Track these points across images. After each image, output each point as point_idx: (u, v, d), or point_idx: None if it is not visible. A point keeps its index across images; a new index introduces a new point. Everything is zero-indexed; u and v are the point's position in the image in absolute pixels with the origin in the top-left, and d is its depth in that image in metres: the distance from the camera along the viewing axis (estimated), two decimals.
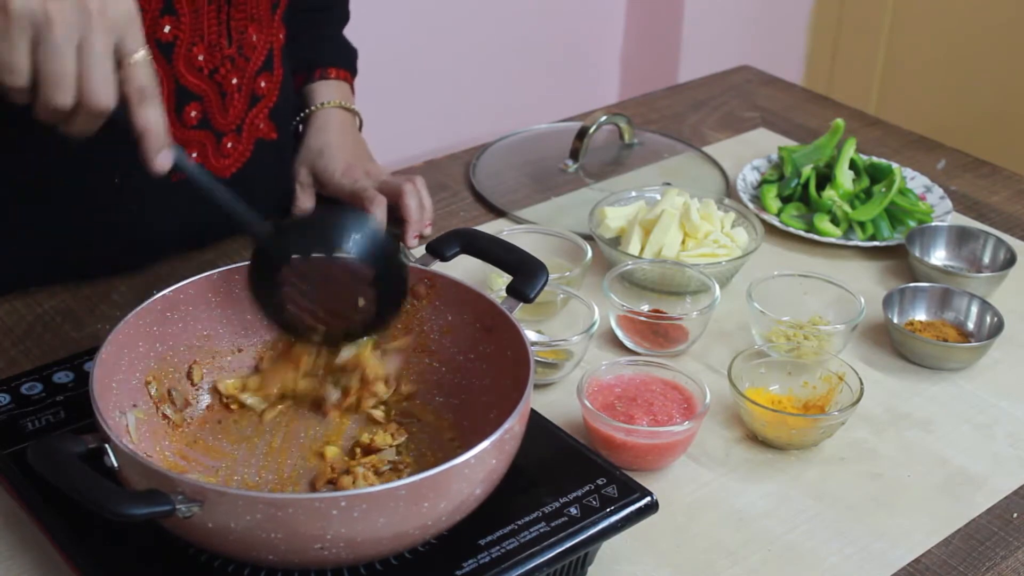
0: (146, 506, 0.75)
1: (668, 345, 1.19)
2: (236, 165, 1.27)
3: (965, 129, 2.46)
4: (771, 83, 1.83)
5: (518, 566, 0.84)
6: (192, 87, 1.18)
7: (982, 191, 1.53)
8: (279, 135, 1.32)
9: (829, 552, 0.97)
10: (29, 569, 0.91)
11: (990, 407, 1.14)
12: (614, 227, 1.31)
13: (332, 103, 1.41)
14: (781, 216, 1.41)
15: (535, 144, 1.61)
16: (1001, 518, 1.02)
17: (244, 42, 1.22)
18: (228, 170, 1.26)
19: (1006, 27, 2.52)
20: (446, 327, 1.01)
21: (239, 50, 1.21)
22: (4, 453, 0.94)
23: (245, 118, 1.26)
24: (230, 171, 1.26)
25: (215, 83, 1.20)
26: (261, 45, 1.24)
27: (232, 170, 1.27)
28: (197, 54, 1.18)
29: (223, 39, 1.19)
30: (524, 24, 2.47)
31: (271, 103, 1.28)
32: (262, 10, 1.22)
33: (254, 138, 1.28)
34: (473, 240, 1.04)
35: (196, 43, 1.17)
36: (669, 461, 1.04)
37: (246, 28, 1.21)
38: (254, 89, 1.25)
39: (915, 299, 1.24)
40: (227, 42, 1.20)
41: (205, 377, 0.99)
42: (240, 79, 1.23)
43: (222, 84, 1.21)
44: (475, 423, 0.95)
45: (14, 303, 1.22)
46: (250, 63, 1.23)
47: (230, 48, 1.20)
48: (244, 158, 1.27)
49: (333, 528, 0.77)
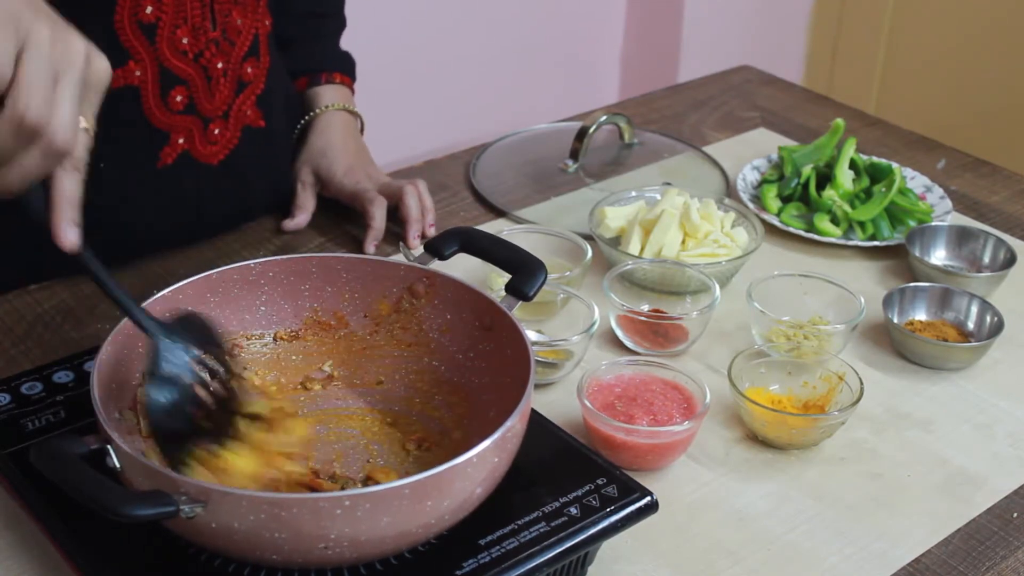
0: (150, 507, 0.75)
1: (668, 345, 1.19)
2: (223, 152, 1.27)
3: (965, 129, 2.46)
4: (771, 83, 1.83)
5: (518, 566, 0.84)
6: (177, 71, 1.19)
7: (982, 191, 1.53)
8: (267, 123, 1.32)
9: (829, 552, 0.97)
10: (29, 569, 0.91)
11: (990, 407, 1.14)
12: (614, 227, 1.32)
13: (336, 106, 1.43)
14: (781, 216, 1.41)
15: (535, 144, 1.61)
16: (1001, 518, 1.02)
17: (228, 26, 1.22)
18: (216, 157, 1.27)
19: (1006, 27, 2.52)
20: (445, 326, 1.01)
21: (223, 33, 1.22)
22: (4, 453, 0.94)
23: (232, 104, 1.26)
24: (217, 158, 1.27)
25: (200, 67, 1.21)
26: (246, 30, 1.24)
27: (220, 157, 1.27)
28: (181, 36, 1.18)
29: (207, 22, 1.20)
30: (524, 24, 2.47)
31: (258, 90, 1.29)
32: None
33: (241, 124, 1.28)
34: (472, 239, 1.04)
35: (180, 25, 1.17)
36: (669, 461, 1.04)
37: (230, 11, 1.22)
38: (240, 75, 1.26)
39: (915, 299, 1.24)
40: (211, 25, 1.20)
41: None
42: (226, 63, 1.23)
43: (207, 68, 1.21)
44: (475, 422, 0.96)
45: (14, 303, 1.22)
46: (235, 48, 1.24)
47: (215, 31, 1.20)
48: (232, 145, 1.28)
49: (337, 527, 0.77)
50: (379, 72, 1.98)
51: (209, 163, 1.26)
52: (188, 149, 1.24)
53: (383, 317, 1.03)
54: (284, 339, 1.03)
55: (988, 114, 2.57)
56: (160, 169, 1.24)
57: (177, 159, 1.24)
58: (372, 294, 1.03)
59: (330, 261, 1.02)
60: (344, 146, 1.41)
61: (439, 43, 2.34)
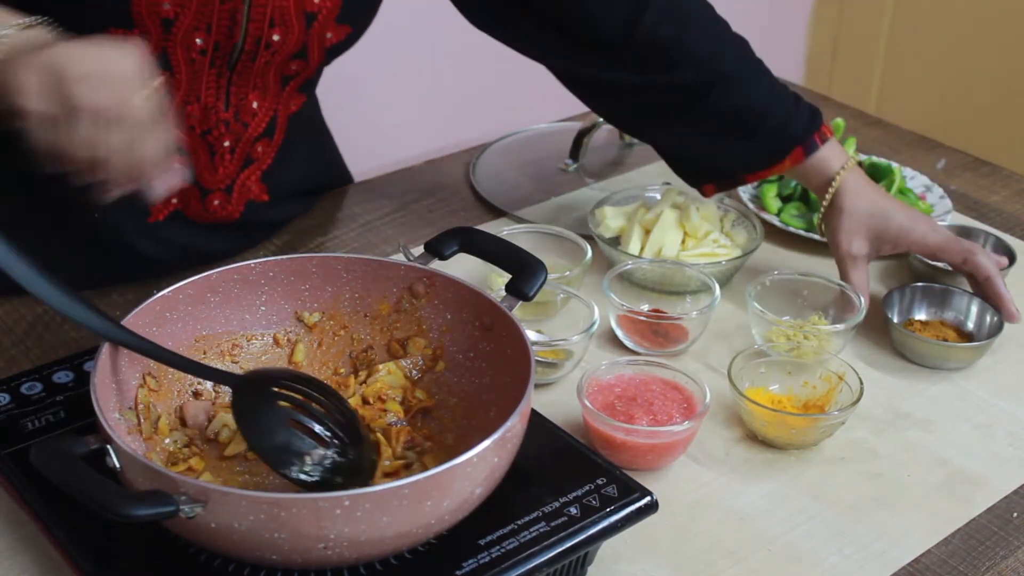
0: (150, 507, 0.75)
1: (668, 345, 1.19)
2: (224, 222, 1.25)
3: (965, 129, 2.46)
4: None
5: (518, 566, 0.84)
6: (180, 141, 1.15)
7: (982, 191, 1.53)
8: (271, 197, 1.28)
9: (829, 552, 0.97)
10: (29, 569, 0.91)
11: (990, 407, 1.14)
12: (614, 227, 1.32)
13: (848, 166, 1.24)
14: (781, 216, 1.41)
15: (535, 144, 1.61)
16: (1001, 518, 1.02)
17: (243, 108, 1.18)
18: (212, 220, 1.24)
19: (1006, 27, 2.52)
20: (445, 326, 1.01)
21: (236, 115, 1.18)
22: (4, 453, 0.94)
23: (236, 179, 1.23)
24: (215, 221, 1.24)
25: (206, 143, 1.18)
26: (263, 112, 1.20)
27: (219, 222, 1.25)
28: (191, 112, 1.15)
29: (220, 103, 1.16)
30: None
31: (265, 166, 1.25)
32: (269, 81, 1.18)
33: (245, 199, 1.25)
34: (472, 239, 1.04)
35: (191, 103, 1.14)
36: (669, 461, 1.04)
37: (246, 95, 1.18)
38: (249, 152, 1.22)
39: (915, 299, 1.24)
40: (224, 106, 1.16)
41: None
42: (233, 142, 1.20)
43: (213, 145, 1.18)
44: (475, 422, 0.96)
45: (14, 303, 1.22)
46: (248, 129, 1.20)
47: (226, 112, 1.17)
48: (232, 218, 1.25)
49: (337, 527, 0.77)
50: (379, 72, 1.98)
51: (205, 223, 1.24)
52: (181, 209, 1.22)
53: (383, 317, 1.03)
54: (284, 340, 1.02)
55: (988, 114, 2.57)
56: (152, 224, 1.21)
57: (169, 216, 1.22)
58: (372, 294, 1.03)
59: (330, 261, 1.02)
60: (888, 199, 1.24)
61: (439, 43, 2.33)
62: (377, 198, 1.46)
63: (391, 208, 1.44)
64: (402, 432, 0.94)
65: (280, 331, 1.02)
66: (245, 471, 0.92)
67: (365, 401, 0.98)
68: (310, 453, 0.85)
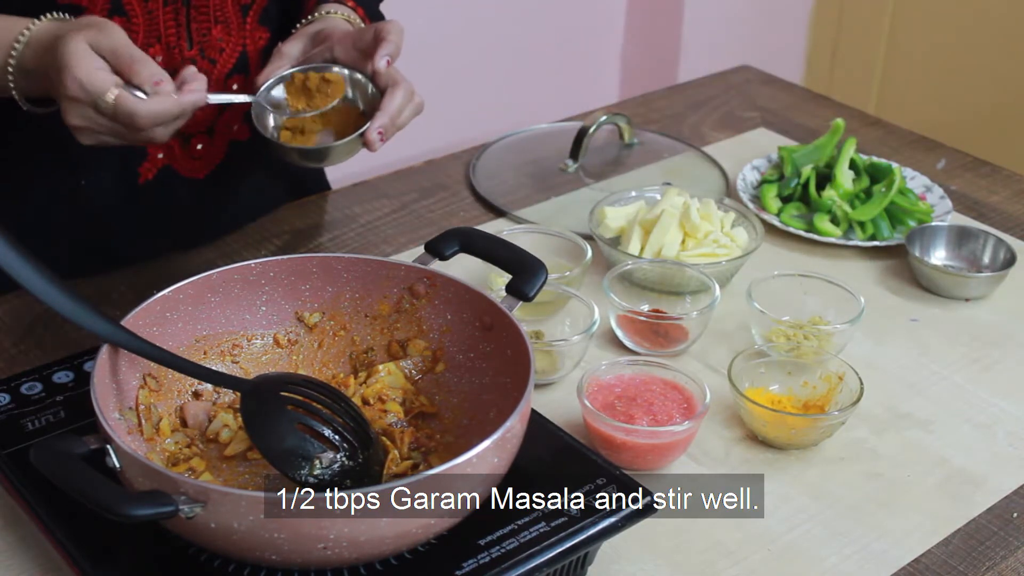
0: (149, 507, 0.75)
1: (668, 345, 1.19)
2: (208, 167, 1.25)
3: (965, 129, 2.46)
4: (771, 83, 1.83)
5: (518, 566, 0.84)
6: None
7: (982, 191, 1.53)
8: (254, 134, 1.26)
9: (829, 552, 0.97)
10: (29, 569, 0.91)
11: (990, 407, 1.14)
12: (614, 227, 1.32)
13: (339, 15, 1.24)
14: (781, 216, 1.41)
15: (535, 144, 1.61)
16: (1001, 518, 1.02)
17: (207, 44, 1.18)
18: (200, 172, 1.24)
19: (1006, 27, 2.52)
20: (445, 326, 1.01)
21: (201, 52, 1.18)
22: (4, 453, 0.94)
23: (216, 120, 1.23)
24: (203, 173, 1.25)
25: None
26: (230, 48, 1.20)
27: (205, 172, 1.25)
28: (154, 55, 1.14)
29: (183, 41, 1.16)
30: (524, 24, 2.47)
31: (246, 106, 1.23)
32: (228, 12, 1.19)
33: (227, 139, 1.26)
34: (472, 239, 1.04)
35: (152, 44, 1.15)
36: (669, 461, 1.04)
37: (209, 31, 1.18)
38: (225, 90, 1.22)
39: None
40: (187, 44, 1.17)
41: None
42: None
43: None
44: (475, 422, 0.96)
45: (14, 303, 1.22)
46: (216, 66, 1.20)
47: (191, 50, 1.17)
48: (217, 160, 1.25)
49: (336, 527, 0.77)
50: None
51: (194, 177, 1.24)
52: (170, 163, 1.22)
53: (383, 317, 1.03)
54: (284, 340, 1.02)
55: (988, 114, 2.57)
56: (143, 185, 1.22)
57: (159, 174, 1.23)
58: (372, 294, 1.03)
59: (330, 261, 1.02)
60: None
61: (439, 43, 2.34)
62: (377, 198, 1.47)
63: (391, 208, 1.44)
64: (407, 434, 0.94)
65: (280, 331, 1.02)
66: (245, 471, 0.92)
67: (365, 402, 0.98)
68: (320, 456, 0.85)
